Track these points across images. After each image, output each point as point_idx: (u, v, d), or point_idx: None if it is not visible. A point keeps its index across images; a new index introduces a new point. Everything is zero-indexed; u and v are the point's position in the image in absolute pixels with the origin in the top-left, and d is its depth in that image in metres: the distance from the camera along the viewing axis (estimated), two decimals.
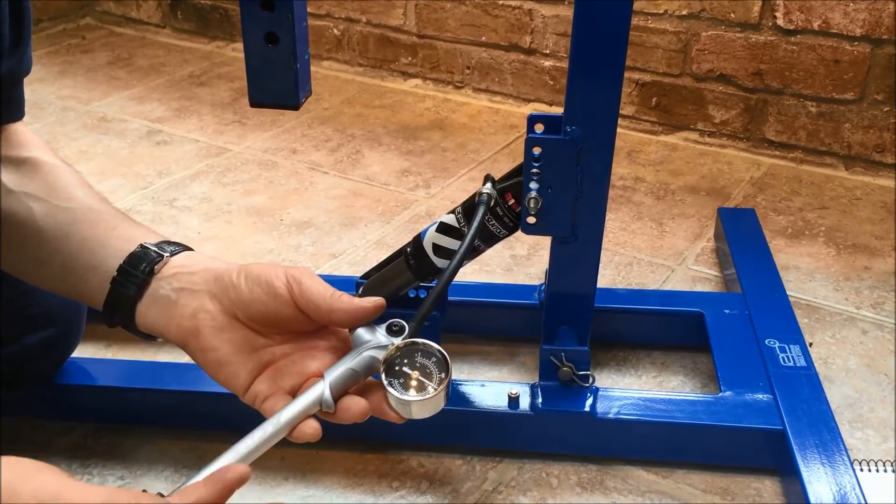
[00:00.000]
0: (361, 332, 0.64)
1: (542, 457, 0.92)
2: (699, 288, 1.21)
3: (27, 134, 0.75)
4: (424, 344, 0.64)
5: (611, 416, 0.88)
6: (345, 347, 0.66)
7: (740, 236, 1.21)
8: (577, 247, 0.86)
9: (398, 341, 0.63)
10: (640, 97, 1.69)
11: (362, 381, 0.64)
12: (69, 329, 0.90)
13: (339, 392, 0.62)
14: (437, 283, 0.70)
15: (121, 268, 0.67)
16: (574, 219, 0.83)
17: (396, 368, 0.63)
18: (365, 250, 1.30)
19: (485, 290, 1.11)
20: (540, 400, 0.90)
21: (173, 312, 0.65)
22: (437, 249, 0.86)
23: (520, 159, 0.82)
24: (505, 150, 1.63)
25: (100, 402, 0.94)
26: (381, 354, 0.63)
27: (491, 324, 1.09)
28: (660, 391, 0.99)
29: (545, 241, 1.31)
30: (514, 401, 0.89)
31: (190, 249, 0.70)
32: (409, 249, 0.89)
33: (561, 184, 0.81)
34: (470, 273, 1.23)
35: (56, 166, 0.74)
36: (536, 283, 1.12)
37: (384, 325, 0.65)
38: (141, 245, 0.68)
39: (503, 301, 1.07)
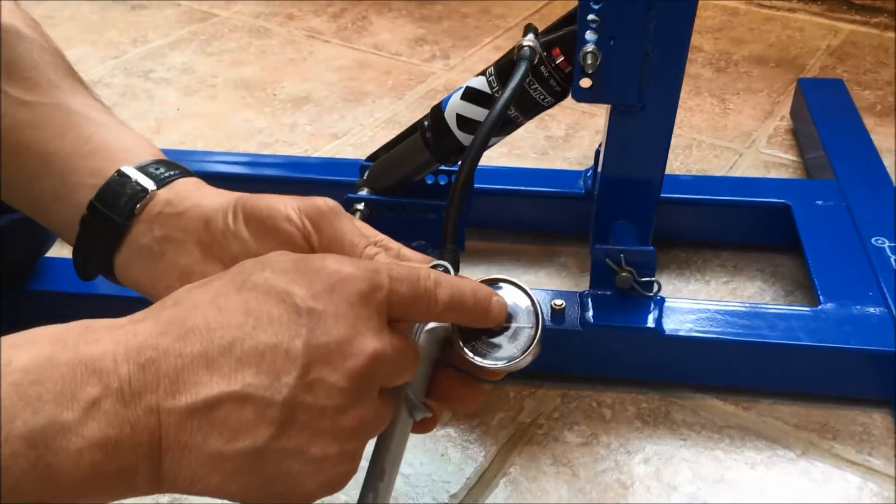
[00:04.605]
0: None
1: (592, 382, 0.75)
2: (773, 175, 1.02)
3: None
4: (488, 279, 0.48)
5: (682, 332, 0.71)
6: None
7: (828, 112, 1.01)
8: (645, 118, 0.69)
9: None
10: None
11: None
12: None
13: (422, 392, 0.47)
14: (460, 169, 0.53)
15: (91, 204, 0.52)
16: (643, 81, 0.66)
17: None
18: (372, 130, 1.14)
19: (517, 175, 0.93)
20: (591, 312, 0.72)
21: (159, 271, 0.52)
22: (463, 122, 0.69)
23: None
24: (536, 16, 1.44)
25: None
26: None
27: (524, 217, 0.92)
28: (742, 303, 0.81)
29: (586, 121, 1.11)
30: (557, 313, 0.71)
31: (185, 172, 0.53)
32: (426, 123, 0.72)
33: (628, 34, 0.64)
34: (497, 157, 1.04)
35: (20, 36, 0.55)
36: (577, 168, 0.94)
37: None
38: (119, 172, 0.52)
39: (539, 189, 0.90)
